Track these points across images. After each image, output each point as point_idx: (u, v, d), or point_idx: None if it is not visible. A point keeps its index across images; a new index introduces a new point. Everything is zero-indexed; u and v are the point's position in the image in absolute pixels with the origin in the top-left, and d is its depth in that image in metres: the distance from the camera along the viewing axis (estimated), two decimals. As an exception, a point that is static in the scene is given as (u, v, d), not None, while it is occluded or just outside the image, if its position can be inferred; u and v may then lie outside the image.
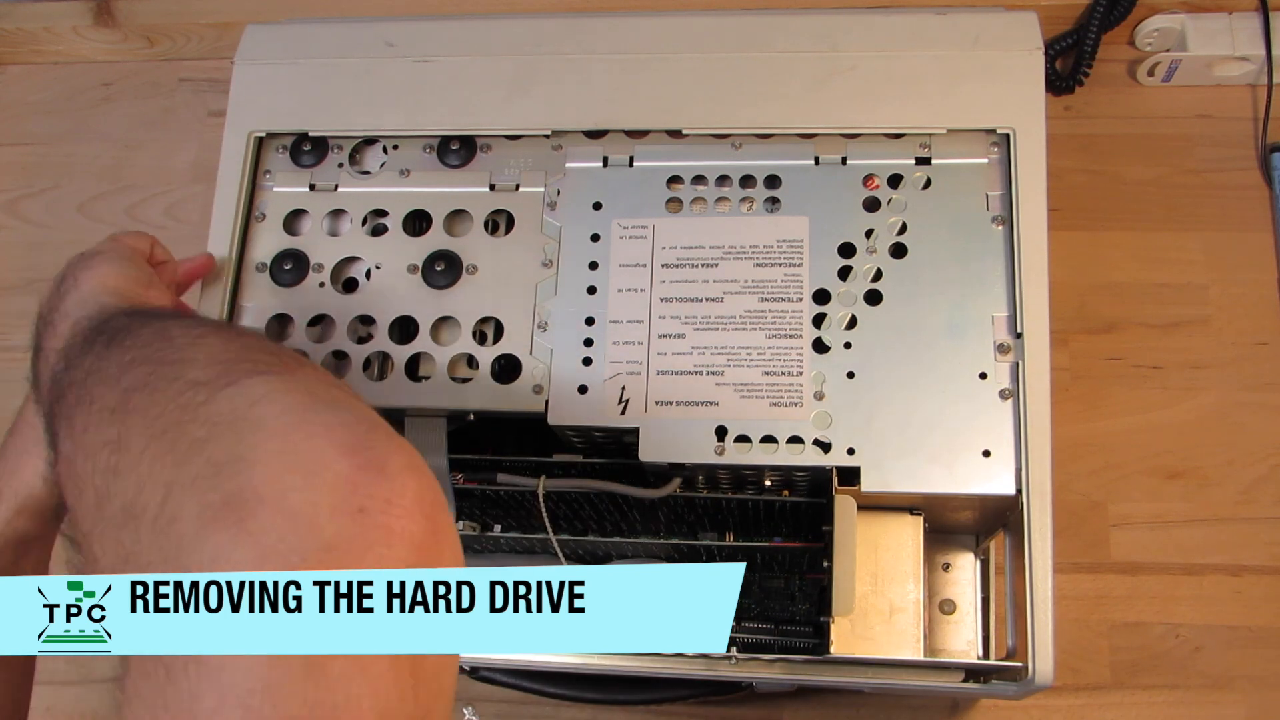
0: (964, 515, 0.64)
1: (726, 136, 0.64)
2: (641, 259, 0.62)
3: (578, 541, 0.64)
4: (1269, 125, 0.83)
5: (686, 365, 0.60)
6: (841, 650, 0.60)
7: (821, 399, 0.59)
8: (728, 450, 0.58)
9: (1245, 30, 0.83)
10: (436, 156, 0.66)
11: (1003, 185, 0.61)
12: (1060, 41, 0.85)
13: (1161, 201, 0.83)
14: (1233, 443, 0.77)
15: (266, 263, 0.65)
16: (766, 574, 0.71)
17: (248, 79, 0.69)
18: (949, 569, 0.68)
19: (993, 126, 0.62)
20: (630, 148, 0.65)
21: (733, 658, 0.59)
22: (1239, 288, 0.80)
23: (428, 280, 0.64)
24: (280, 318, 0.64)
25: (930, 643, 0.66)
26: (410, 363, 0.62)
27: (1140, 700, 0.73)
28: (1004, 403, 0.58)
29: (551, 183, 0.65)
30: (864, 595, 0.62)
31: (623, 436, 0.60)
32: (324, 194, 0.67)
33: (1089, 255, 0.82)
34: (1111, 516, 0.77)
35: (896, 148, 0.63)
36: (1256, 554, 0.75)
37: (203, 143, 0.95)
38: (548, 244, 0.64)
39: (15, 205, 0.96)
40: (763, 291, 0.61)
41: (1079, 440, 0.78)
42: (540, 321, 0.62)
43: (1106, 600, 0.75)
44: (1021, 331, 0.58)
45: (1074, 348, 0.80)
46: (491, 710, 0.75)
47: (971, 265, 0.60)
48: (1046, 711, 0.73)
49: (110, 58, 0.99)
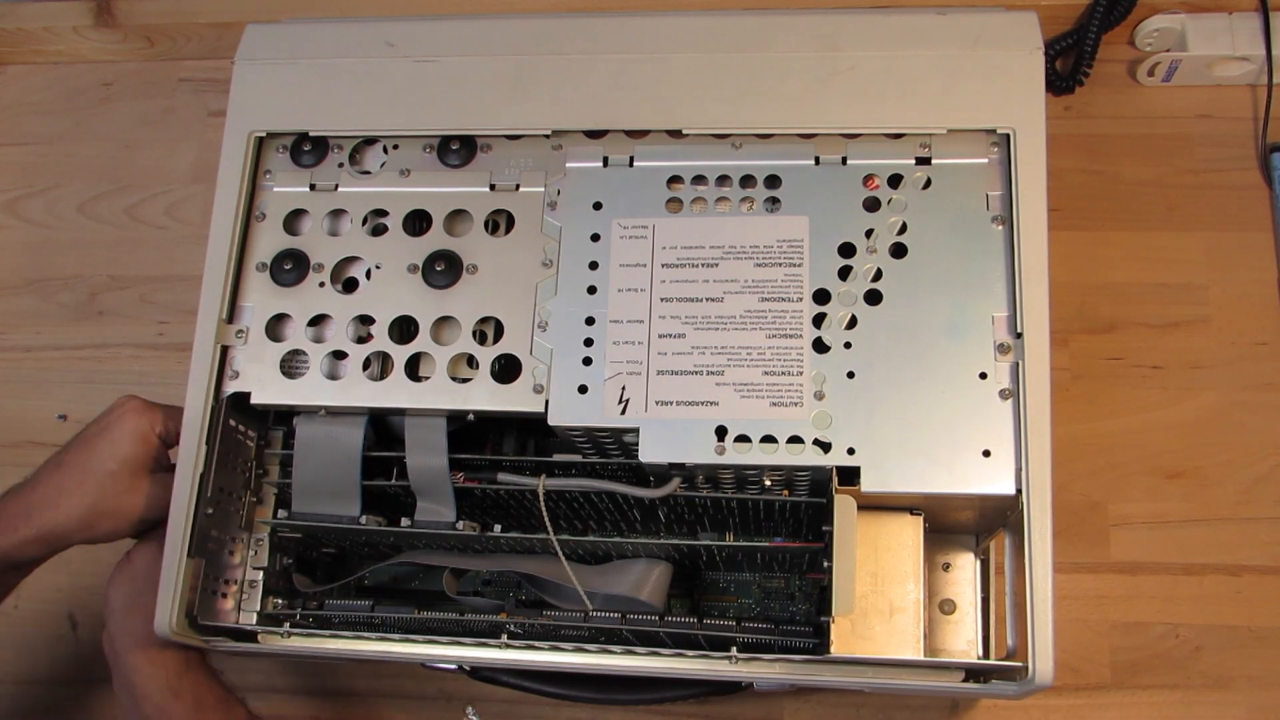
0: (964, 515, 0.64)
1: (726, 136, 0.64)
2: (642, 259, 0.62)
3: (578, 541, 0.64)
4: (1269, 125, 0.83)
5: (686, 365, 0.60)
6: (841, 650, 0.60)
7: (821, 399, 0.59)
8: (728, 450, 0.58)
9: (1245, 30, 0.83)
10: (436, 156, 0.66)
11: (1003, 185, 0.61)
12: (1060, 41, 0.85)
13: (1161, 201, 0.83)
14: (1233, 443, 0.77)
15: (266, 263, 0.65)
16: (766, 574, 0.71)
17: (248, 79, 0.69)
18: (949, 569, 0.68)
19: (993, 126, 0.62)
20: (630, 148, 0.65)
21: (733, 658, 0.59)
22: (1239, 288, 0.80)
23: (428, 280, 0.64)
24: (280, 318, 0.64)
25: (930, 643, 0.66)
26: (410, 363, 0.62)
27: (1140, 700, 0.73)
28: (1004, 403, 0.58)
29: (551, 183, 0.65)
30: (864, 595, 0.62)
31: (623, 436, 0.60)
32: (324, 194, 0.67)
33: (1089, 255, 0.82)
34: (1111, 516, 0.77)
35: (896, 148, 0.63)
36: (1256, 554, 0.75)
37: (203, 143, 0.95)
38: (548, 244, 0.64)
39: (15, 205, 0.96)
40: (763, 291, 0.61)
41: (1079, 440, 0.78)
42: (540, 321, 0.62)
43: (1106, 600, 0.75)
44: (1021, 331, 0.58)
45: (1074, 348, 0.80)
46: (491, 710, 0.75)
47: (971, 265, 0.60)
48: (1046, 711, 0.73)
49: (110, 58, 0.99)
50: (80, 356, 0.90)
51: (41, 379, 0.90)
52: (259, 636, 0.63)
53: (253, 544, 0.66)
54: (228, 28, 0.95)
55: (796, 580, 0.71)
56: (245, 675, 0.80)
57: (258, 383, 0.63)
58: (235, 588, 0.65)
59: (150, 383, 0.88)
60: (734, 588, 0.71)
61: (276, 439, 0.67)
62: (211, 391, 0.63)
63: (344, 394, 0.62)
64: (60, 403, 0.89)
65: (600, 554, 0.67)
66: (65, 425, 0.88)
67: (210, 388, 0.63)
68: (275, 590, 0.67)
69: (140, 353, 0.90)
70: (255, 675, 0.80)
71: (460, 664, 0.66)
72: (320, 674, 0.80)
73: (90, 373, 0.90)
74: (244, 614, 0.65)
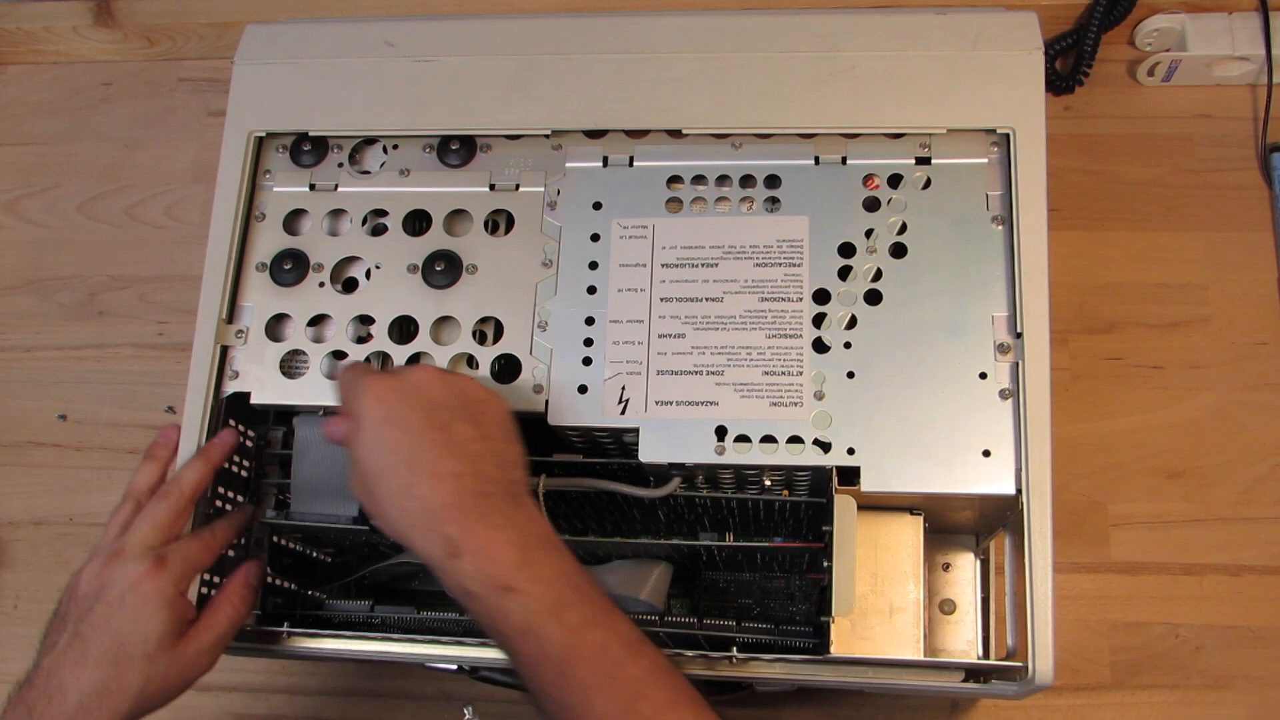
0: (964, 515, 0.64)
1: (726, 136, 0.64)
2: (641, 259, 0.62)
3: (578, 542, 0.64)
4: (1269, 125, 0.83)
5: (686, 365, 0.60)
6: (841, 650, 0.60)
7: (821, 399, 0.59)
8: (728, 450, 0.58)
9: (1245, 30, 0.83)
10: (436, 156, 0.66)
11: (1003, 185, 0.61)
12: (1060, 41, 0.85)
13: (1161, 201, 0.83)
14: (1233, 443, 0.77)
15: (266, 263, 0.65)
16: (766, 574, 0.71)
17: (248, 79, 0.69)
18: (949, 569, 0.68)
19: (993, 126, 0.62)
20: (630, 148, 0.65)
21: (733, 658, 0.59)
22: (1239, 288, 0.80)
23: (428, 280, 0.64)
24: (280, 318, 0.64)
25: (930, 643, 0.66)
26: (410, 363, 0.62)
27: (1140, 700, 0.73)
28: (1004, 403, 0.58)
29: (551, 183, 0.65)
30: (864, 595, 0.62)
31: (623, 436, 0.60)
32: (324, 194, 0.67)
33: (1089, 255, 0.82)
34: (1111, 516, 0.77)
35: (896, 148, 0.63)
36: (1256, 554, 0.75)
37: (203, 143, 0.95)
38: (548, 244, 0.64)
39: (15, 205, 0.96)
40: (763, 291, 0.61)
41: (1079, 440, 0.78)
42: (540, 321, 0.62)
43: (1106, 600, 0.75)
44: (1021, 331, 0.58)
45: (1074, 348, 0.80)
46: (491, 710, 0.75)
47: (971, 265, 0.60)
48: (1046, 711, 0.73)
49: (110, 58, 0.99)
50: (80, 356, 0.90)
51: (41, 379, 0.90)
52: (259, 636, 0.63)
53: (252, 544, 0.66)
54: (228, 28, 0.95)
55: (796, 580, 0.70)
56: (245, 675, 0.80)
57: (257, 383, 0.63)
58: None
59: (150, 383, 0.88)
60: (734, 588, 0.71)
61: (276, 439, 0.67)
62: (211, 391, 0.63)
63: (344, 394, 0.62)
64: (60, 403, 0.89)
65: (600, 554, 0.67)
66: (65, 425, 0.88)
67: (210, 388, 0.63)
68: (275, 590, 0.67)
69: (140, 353, 0.90)
70: (255, 675, 0.80)
71: (460, 664, 0.66)
72: (320, 674, 0.80)
73: (90, 373, 0.90)
74: (244, 614, 0.65)
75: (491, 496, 0.52)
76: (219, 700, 0.80)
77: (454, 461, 0.52)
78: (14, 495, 0.87)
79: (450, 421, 0.53)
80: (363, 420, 0.53)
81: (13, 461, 0.88)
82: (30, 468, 0.88)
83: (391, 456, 0.52)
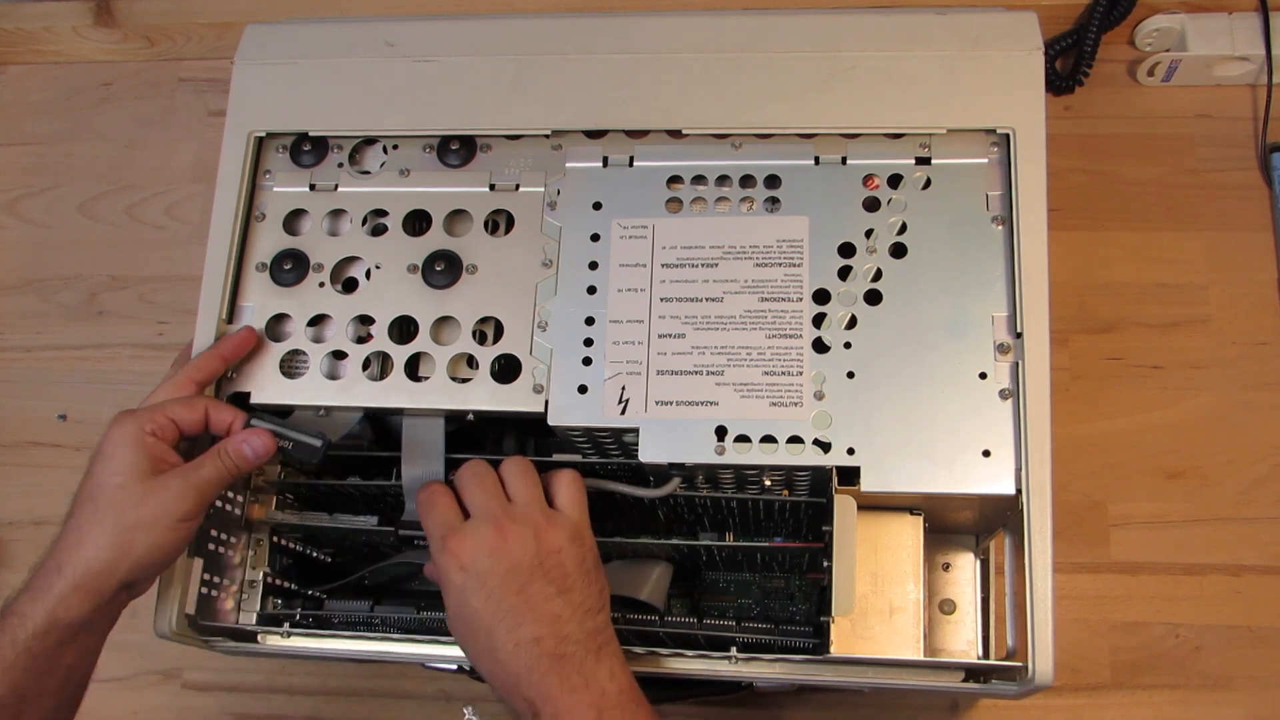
0: (964, 515, 0.64)
1: (726, 136, 0.64)
2: (641, 259, 0.62)
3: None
4: (1269, 125, 0.83)
5: (686, 365, 0.60)
6: (841, 650, 0.60)
7: (821, 399, 0.59)
8: (728, 450, 0.58)
9: (1245, 30, 0.83)
10: (436, 156, 0.66)
11: (1003, 185, 0.61)
12: (1060, 41, 0.85)
13: (1161, 201, 0.83)
14: (1233, 443, 0.77)
15: (266, 263, 0.65)
16: (766, 574, 0.71)
17: (248, 79, 0.69)
18: (949, 569, 0.68)
19: (993, 126, 0.62)
20: (630, 148, 0.65)
21: (733, 658, 0.59)
22: (1239, 288, 0.80)
23: (428, 280, 0.64)
24: (280, 318, 0.64)
25: (930, 643, 0.66)
26: (410, 363, 0.62)
27: (1140, 700, 0.73)
28: (1004, 403, 0.58)
29: (551, 183, 0.65)
30: (864, 595, 0.62)
31: (623, 436, 0.60)
32: (324, 194, 0.67)
33: (1089, 255, 0.82)
34: (1111, 516, 0.77)
35: (896, 148, 0.63)
36: (1256, 554, 0.75)
37: (203, 143, 0.95)
38: (548, 244, 0.64)
39: (15, 205, 0.96)
40: (763, 291, 0.61)
41: (1079, 440, 0.78)
42: (540, 321, 0.62)
43: (1106, 600, 0.75)
44: (1021, 331, 0.58)
45: (1074, 348, 0.80)
46: (490, 710, 0.75)
47: (971, 265, 0.60)
48: (1046, 711, 0.73)
49: (110, 58, 0.99)
50: (80, 356, 0.90)
51: (41, 379, 0.90)
52: (259, 636, 0.63)
53: (252, 544, 0.66)
54: (228, 28, 0.95)
55: (796, 580, 0.70)
56: (245, 675, 0.80)
57: (257, 383, 0.63)
58: (235, 588, 0.65)
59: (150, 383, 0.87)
60: (734, 588, 0.71)
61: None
62: (211, 391, 0.63)
63: (344, 394, 0.62)
64: (60, 403, 0.89)
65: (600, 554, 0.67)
66: (65, 425, 0.88)
67: (210, 387, 0.63)
68: (275, 590, 0.67)
69: (140, 353, 0.90)
70: (255, 675, 0.80)
71: (460, 664, 0.66)
72: (320, 674, 0.80)
73: (90, 373, 0.90)
74: (244, 614, 0.65)
75: (570, 658, 0.54)
76: (219, 700, 0.80)
77: (532, 626, 0.54)
78: (14, 495, 0.87)
79: (528, 583, 0.55)
80: (446, 587, 0.56)
81: (13, 461, 0.88)
82: (30, 468, 0.88)
83: (474, 625, 0.55)
